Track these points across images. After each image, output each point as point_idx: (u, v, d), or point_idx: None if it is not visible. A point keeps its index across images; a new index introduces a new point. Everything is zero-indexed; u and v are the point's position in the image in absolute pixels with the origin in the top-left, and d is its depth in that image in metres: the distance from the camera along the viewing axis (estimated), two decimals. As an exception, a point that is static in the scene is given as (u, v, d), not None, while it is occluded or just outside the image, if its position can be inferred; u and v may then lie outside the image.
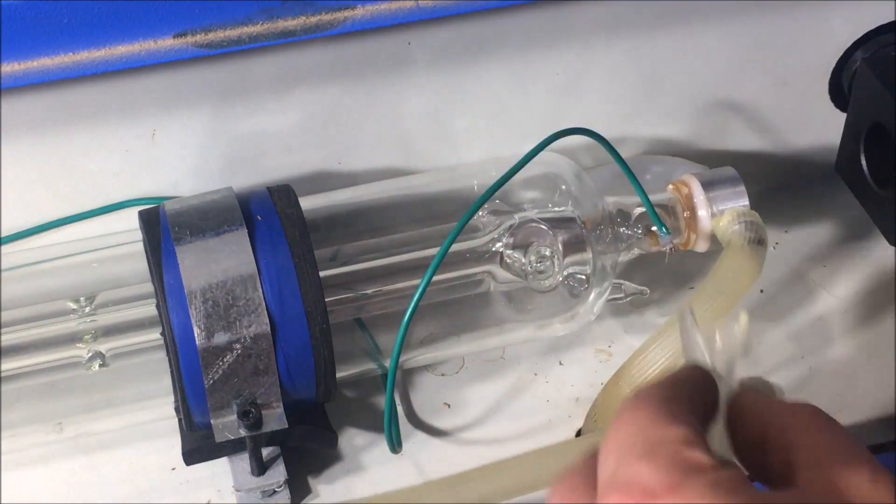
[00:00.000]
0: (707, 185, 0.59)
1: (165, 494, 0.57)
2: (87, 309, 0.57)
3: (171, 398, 0.56)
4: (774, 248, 0.68)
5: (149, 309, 0.56)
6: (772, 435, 0.38)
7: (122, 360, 0.57)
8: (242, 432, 0.52)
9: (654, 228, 0.59)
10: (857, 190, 0.67)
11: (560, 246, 0.59)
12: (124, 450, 0.59)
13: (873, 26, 0.66)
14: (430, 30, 0.60)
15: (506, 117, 0.65)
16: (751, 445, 0.39)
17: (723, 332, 0.42)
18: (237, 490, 0.55)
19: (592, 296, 0.60)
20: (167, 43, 0.54)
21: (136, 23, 0.53)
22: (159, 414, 0.58)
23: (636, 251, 0.61)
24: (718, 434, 0.40)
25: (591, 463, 0.39)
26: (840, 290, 0.66)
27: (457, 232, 0.54)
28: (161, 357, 0.56)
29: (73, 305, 0.57)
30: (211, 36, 0.54)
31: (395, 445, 0.56)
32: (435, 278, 0.55)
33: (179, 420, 0.55)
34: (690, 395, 0.39)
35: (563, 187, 0.60)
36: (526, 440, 0.59)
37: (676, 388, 0.39)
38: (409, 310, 0.53)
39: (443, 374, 0.63)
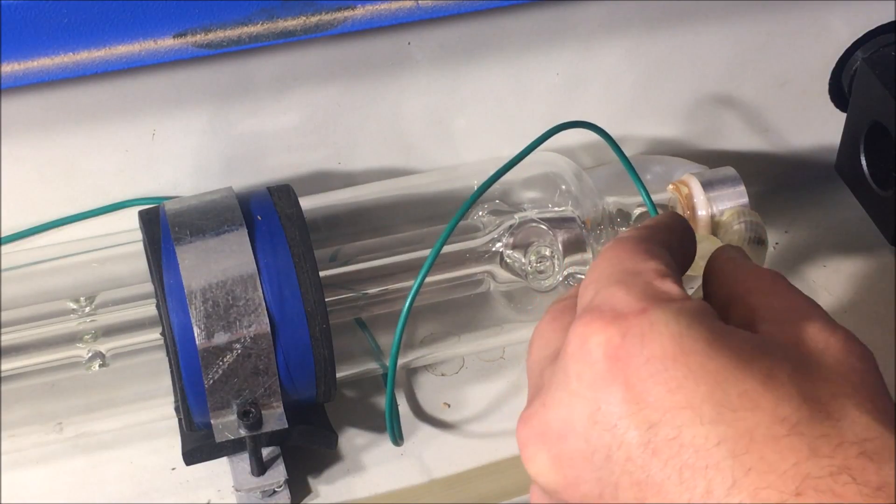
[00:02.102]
0: (707, 185, 0.59)
1: (165, 494, 0.57)
2: (87, 309, 0.57)
3: (171, 398, 0.56)
4: (774, 248, 0.68)
5: (149, 309, 0.56)
6: (738, 295, 0.41)
7: (122, 360, 0.57)
8: (242, 432, 0.52)
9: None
10: (857, 190, 0.67)
11: (560, 246, 0.59)
12: (124, 450, 0.59)
13: (873, 26, 0.66)
14: (430, 30, 0.60)
15: (506, 117, 0.65)
16: (719, 303, 0.41)
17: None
18: (237, 490, 0.55)
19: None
20: (167, 43, 0.54)
21: (136, 23, 0.53)
22: (159, 414, 0.58)
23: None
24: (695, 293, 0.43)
25: (574, 293, 0.42)
26: (840, 290, 0.66)
27: (459, 217, 0.53)
28: (161, 357, 0.56)
29: (73, 305, 0.57)
30: (211, 36, 0.54)
31: (397, 438, 0.56)
32: (435, 278, 0.55)
33: (179, 420, 0.55)
34: (667, 239, 0.42)
35: (563, 187, 0.60)
36: (526, 440, 0.59)
37: (655, 230, 0.42)
38: (411, 293, 0.53)
39: (443, 374, 0.63)
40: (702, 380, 0.35)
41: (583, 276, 0.59)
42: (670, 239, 0.43)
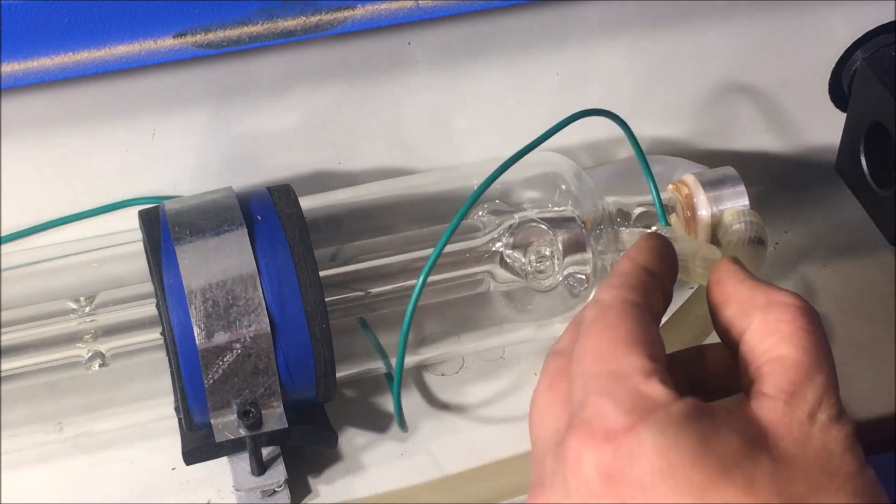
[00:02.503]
0: (707, 185, 0.60)
1: (165, 494, 0.57)
2: (87, 309, 0.57)
3: (171, 398, 0.56)
4: (774, 248, 0.68)
5: (149, 309, 0.56)
6: (745, 347, 0.44)
7: (122, 360, 0.57)
8: (242, 432, 0.52)
9: (654, 228, 0.59)
10: (857, 190, 0.67)
11: (560, 246, 0.59)
12: (124, 450, 0.59)
13: (873, 26, 0.66)
14: (430, 30, 0.60)
15: (506, 117, 0.65)
16: (722, 329, 0.45)
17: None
18: (237, 490, 0.55)
19: (592, 295, 0.60)
20: (167, 43, 0.54)
21: (136, 23, 0.53)
22: (159, 414, 0.58)
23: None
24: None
25: (567, 346, 0.44)
26: (840, 290, 0.66)
27: (467, 207, 0.53)
28: (161, 357, 0.56)
29: (73, 305, 0.57)
30: (211, 36, 0.54)
31: (403, 424, 0.57)
32: (435, 278, 0.55)
33: (179, 420, 0.55)
34: (649, 286, 0.45)
35: (563, 187, 0.60)
36: (526, 440, 0.59)
37: (637, 286, 0.44)
38: (418, 286, 0.53)
39: (443, 374, 0.63)
40: (687, 493, 0.37)
41: (582, 277, 0.59)
42: (651, 283, 0.45)
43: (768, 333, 0.42)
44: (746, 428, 0.40)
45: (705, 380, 0.46)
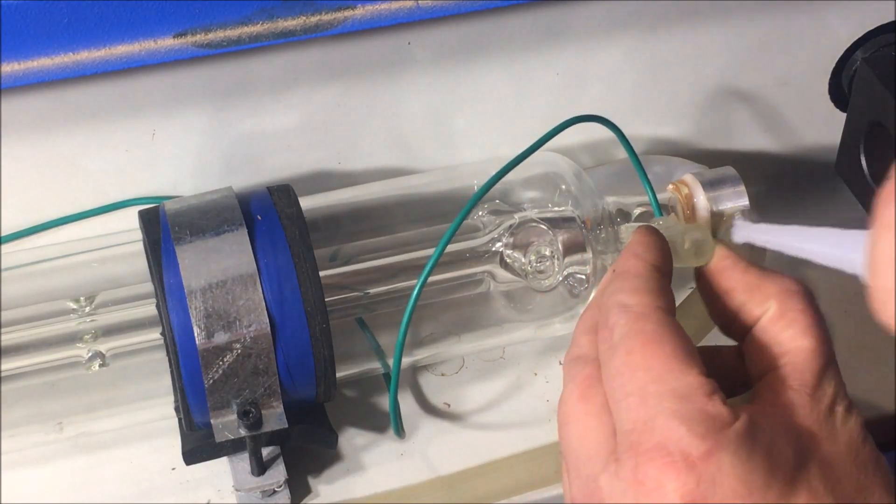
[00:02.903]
0: (707, 185, 0.59)
1: (165, 494, 0.57)
2: (87, 309, 0.57)
3: (171, 398, 0.56)
4: (774, 248, 0.68)
5: (149, 309, 0.56)
6: (764, 355, 0.44)
7: (122, 360, 0.57)
8: (242, 432, 0.52)
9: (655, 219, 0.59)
10: (857, 190, 0.67)
11: (560, 246, 0.59)
12: (124, 450, 0.59)
13: (873, 26, 0.66)
14: (430, 30, 0.60)
15: (506, 117, 0.65)
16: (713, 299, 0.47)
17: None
18: (237, 490, 0.55)
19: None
20: (167, 43, 0.54)
21: (136, 23, 0.53)
22: (159, 414, 0.58)
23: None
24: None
25: (587, 352, 0.45)
26: (840, 290, 0.66)
27: (461, 217, 0.53)
28: (161, 357, 0.56)
29: (73, 305, 0.57)
30: (211, 36, 0.54)
31: (400, 430, 0.56)
32: (435, 278, 0.55)
33: (179, 420, 0.55)
34: (667, 280, 0.46)
35: (563, 187, 0.60)
36: (526, 440, 0.59)
37: (658, 290, 0.45)
38: (416, 288, 0.53)
39: (443, 374, 0.63)
40: None
41: (582, 277, 0.59)
42: (665, 283, 0.46)
43: (787, 324, 0.44)
44: (791, 434, 0.41)
45: (719, 381, 0.46)
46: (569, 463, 0.44)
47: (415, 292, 0.52)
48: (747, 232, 0.48)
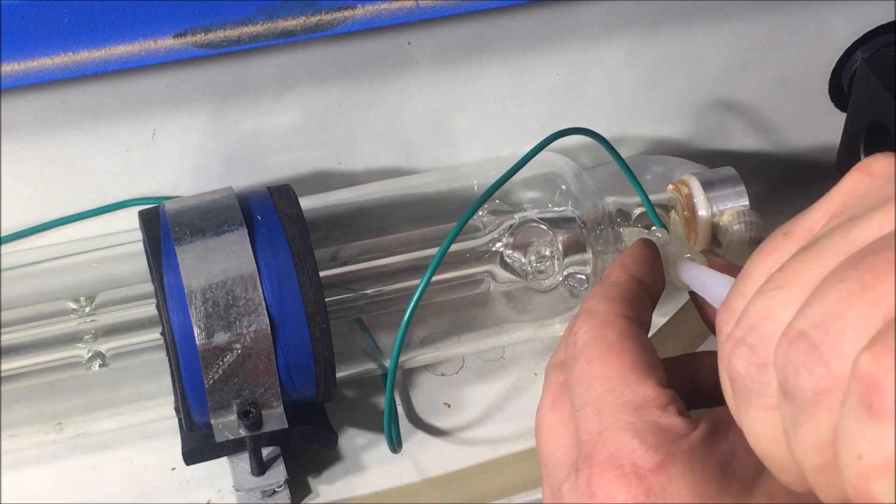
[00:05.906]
0: (707, 185, 0.59)
1: (165, 494, 0.57)
2: (87, 309, 0.57)
3: (171, 398, 0.56)
4: (774, 248, 0.68)
5: (149, 309, 0.56)
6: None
7: (122, 360, 0.57)
8: (242, 432, 0.52)
9: (653, 228, 0.59)
10: (857, 190, 0.67)
11: (560, 246, 0.59)
12: (124, 450, 0.59)
13: (873, 26, 0.66)
14: (430, 30, 0.60)
15: (506, 117, 0.65)
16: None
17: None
18: (237, 490, 0.55)
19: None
20: (167, 43, 0.54)
21: (136, 23, 0.53)
22: (159, 414, 0.58)
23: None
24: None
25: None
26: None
27: (454, 235, 0.53)
28: (161, 357, 0.56)
29: (73, 305, 0.57)
30: (211, 36, 0.54)
31: (395, 445, 0.57)
32: (435, 278, 0.55)
33: (179, 420, 0.55)
34: (640, 298, 0.45)
35: (563, 187, 0.60)
36: (526, 440, 0.59)
37: (629, 300, 0.44)
38: (409, 309, 0.53)
39: (443, 374, 0.63)
40: None
41: (582, 277, 0.59)
42: (643, 296, 0.45)
43: None
44: None
45: (698, 388, 0.46)
46: (543, 470, 0.44)
47: (414, 298, 0.52)
48: (688, 272, 0.48)
